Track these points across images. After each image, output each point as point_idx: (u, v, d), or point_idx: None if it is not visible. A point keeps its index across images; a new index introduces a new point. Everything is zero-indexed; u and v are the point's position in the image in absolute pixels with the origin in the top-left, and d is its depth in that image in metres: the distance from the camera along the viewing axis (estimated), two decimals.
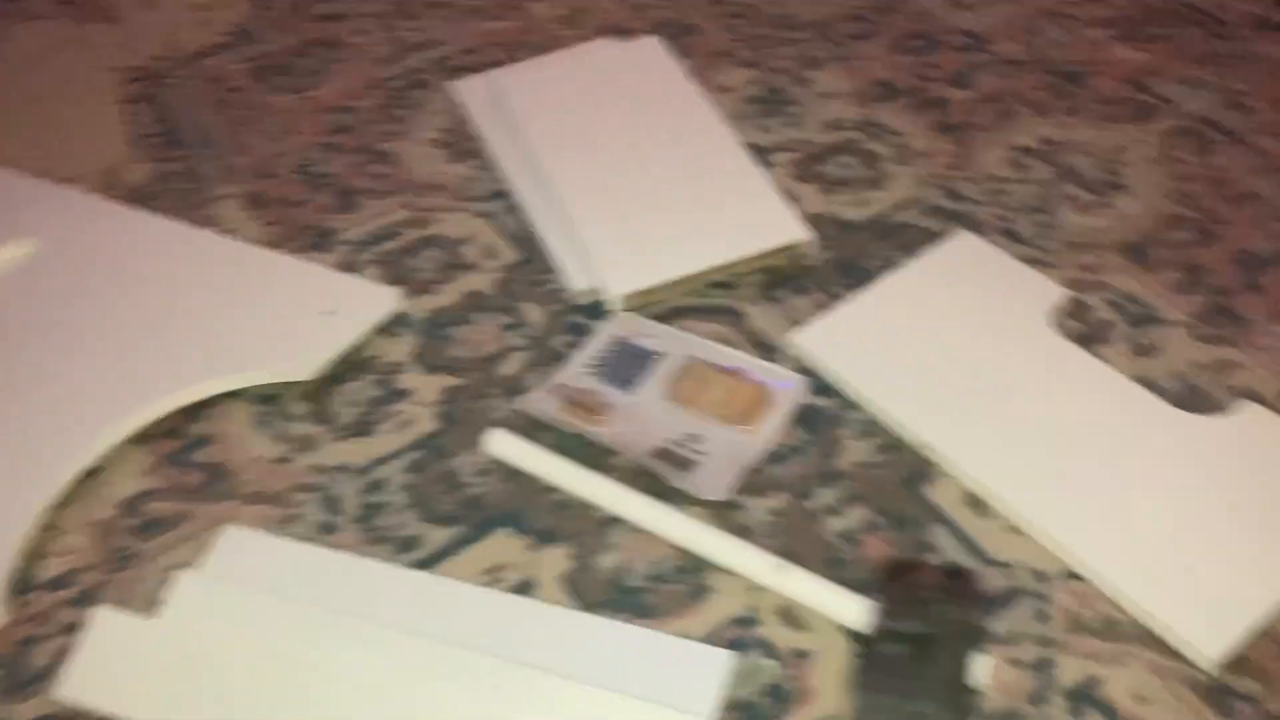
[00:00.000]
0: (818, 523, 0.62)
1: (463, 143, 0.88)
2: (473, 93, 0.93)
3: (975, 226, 0.78)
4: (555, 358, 0.72)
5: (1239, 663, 0.55)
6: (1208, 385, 0.68)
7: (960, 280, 0.74)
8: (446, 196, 0.84)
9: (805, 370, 0.70)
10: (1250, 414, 0.65)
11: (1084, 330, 0.71)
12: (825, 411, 0.68)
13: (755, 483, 0.64)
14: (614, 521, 0.63)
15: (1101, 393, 0.66)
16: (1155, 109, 0.88)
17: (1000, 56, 0.94)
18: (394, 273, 0.78)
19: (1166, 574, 0.58)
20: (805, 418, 0.68)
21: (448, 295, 0.76)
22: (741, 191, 0.80)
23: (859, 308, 0.73)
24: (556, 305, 0.75)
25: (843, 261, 0.77)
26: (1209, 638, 0.55)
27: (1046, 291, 0.73)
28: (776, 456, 0.66)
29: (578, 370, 0.70)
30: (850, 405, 0.68)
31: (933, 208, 0.81)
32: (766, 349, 0.72)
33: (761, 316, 0.74)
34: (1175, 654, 0.56)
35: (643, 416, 0.67)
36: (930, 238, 0.77)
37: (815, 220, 0.79)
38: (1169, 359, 0.69)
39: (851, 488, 0.64)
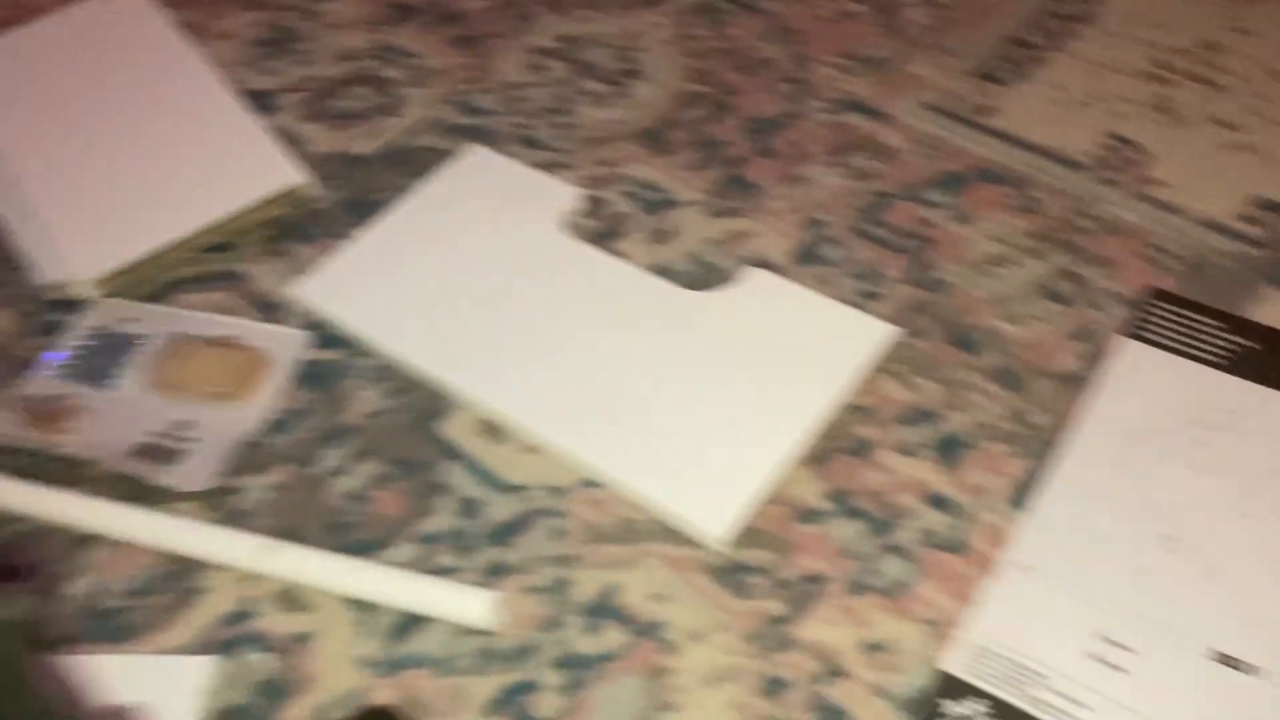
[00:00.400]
0: (323, 488, 0.57)
1: None
2: None
3: (494, 139, 0.74)
4: (26, 366, 0.62)
5: (750, 535, 0.54)
6: (720, 259, 0.66)
7: (470, 198, 0.69)
8: None
9: (313, 324, 0.64)
10: (755, 280, 0.64)
11: (601, 228, 0.68)
12: (332, 365, 0.62)
13: (254, 459, 0.58)
14: (87, 541, 0.55)
15: (614, 289, 0.63)
16: None
17: None
18: None
19: (676, 462, 0.55)
20: (310, 376, 0.61)
21: None
22: (230, 143, 0.72)
23: (364, 246, 0.67)
24: (28, 306, 0.66)
25: (352, 200, 0.71)
26: (715, 517, 0.53)
27: (560, 194, 0.69)
28: (279, 425, 0.59)
29: (44, 376, 0.61)
30: (360, 353, 0.62)
31: (450, 127, 0.75)
32: (271, 309, 0.65)
33: (266, 275, 0.67)
34: (690, 543, 0.54)
35: (122, 413, 0.59)
36: (445, 159, 0.72)
37: (326, 160, 0.73)
38: (685, 241, 0.67)
39: (361, 441, 0.58)
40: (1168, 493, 0.53)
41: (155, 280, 0.67)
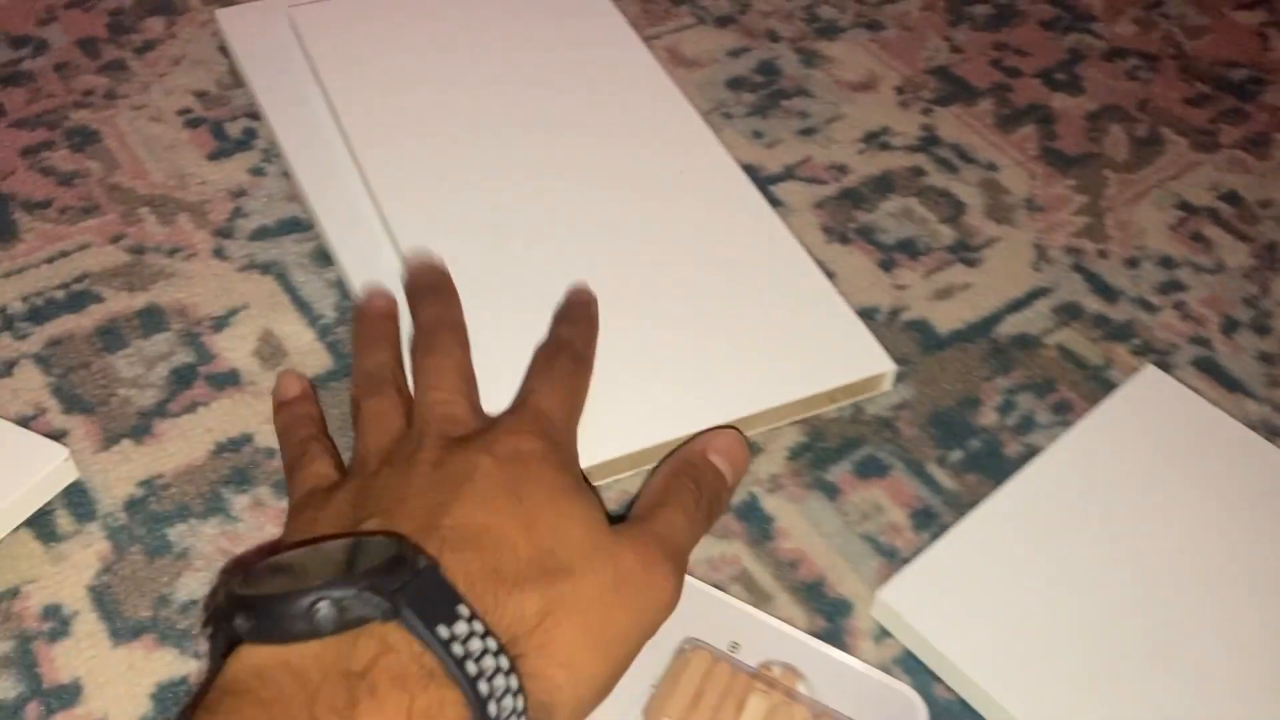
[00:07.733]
0: None
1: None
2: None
3: (1149, 348, 0.45)
4: None
5: None
6: None
7: (1143, 456, 0.40)
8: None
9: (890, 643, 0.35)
10: None
11: None
12: None
13: None
14: None
15: None
16: None
17: None
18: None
19: None
20: None
21: None
22: (765, 279, 0.44)
23: (983, 522, 0.38)
24: None
25: (936, 409, 0.42)
26: None
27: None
28: None
29: None
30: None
31: (1065, 307, 0.46)
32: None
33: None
34: None
35: None
36: (1089, 366, 0.44)
37: (884, 327, 0.44)
38: None
39: None
40: None
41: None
